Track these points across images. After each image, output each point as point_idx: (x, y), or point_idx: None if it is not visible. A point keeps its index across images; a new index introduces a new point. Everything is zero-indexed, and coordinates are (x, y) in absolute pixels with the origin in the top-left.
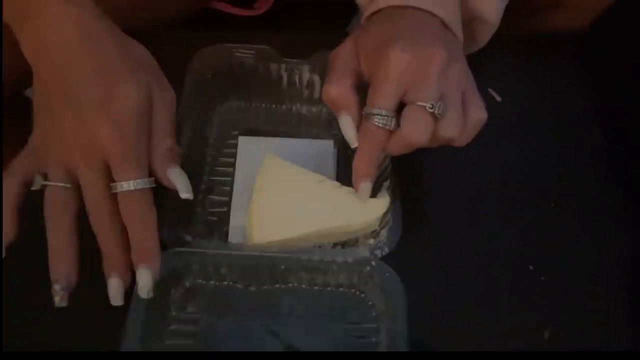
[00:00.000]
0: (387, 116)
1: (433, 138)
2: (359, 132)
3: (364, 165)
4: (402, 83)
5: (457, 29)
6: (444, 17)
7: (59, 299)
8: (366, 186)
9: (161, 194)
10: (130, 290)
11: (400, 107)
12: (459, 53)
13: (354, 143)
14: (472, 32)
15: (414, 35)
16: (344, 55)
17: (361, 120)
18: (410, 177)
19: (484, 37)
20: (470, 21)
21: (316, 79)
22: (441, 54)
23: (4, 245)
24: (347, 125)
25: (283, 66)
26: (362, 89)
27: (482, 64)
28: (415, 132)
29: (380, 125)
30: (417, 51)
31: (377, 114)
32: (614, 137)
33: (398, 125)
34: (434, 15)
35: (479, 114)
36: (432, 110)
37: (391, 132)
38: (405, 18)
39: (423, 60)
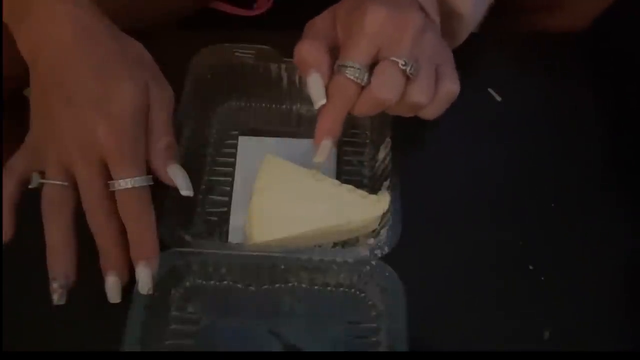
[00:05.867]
0: (360, 69)
1: (402, 101)
2: (328, 87)
3: (329, 122)
4: (377, 38)
5: (434, 15)
6: (421, 1)
7: (58, 296)
8: (327, 144)
9: (161, 193)
10: (129, 288)
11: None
12: (435, 30)
13: (321, 100)
14: (451, 27)
15: (392, 1)
16: (319, 22)
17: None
18: (410, 176)
19: (462, 32)
20: (447, 17)
21: None
22: (418, 18)
23: (2, 244)
24: (316, 82)
25: (283, 66)
26: (336, 54)
27: (482, 64)
28: (385, 88)
29: (352, 78)
30: (394, 11)
31: (350, 66)
32: (613, 137)
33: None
34: None
35: (450, 85)
36: (404, 68)
37: (362, 89)
38: None
39: (400, 20)
